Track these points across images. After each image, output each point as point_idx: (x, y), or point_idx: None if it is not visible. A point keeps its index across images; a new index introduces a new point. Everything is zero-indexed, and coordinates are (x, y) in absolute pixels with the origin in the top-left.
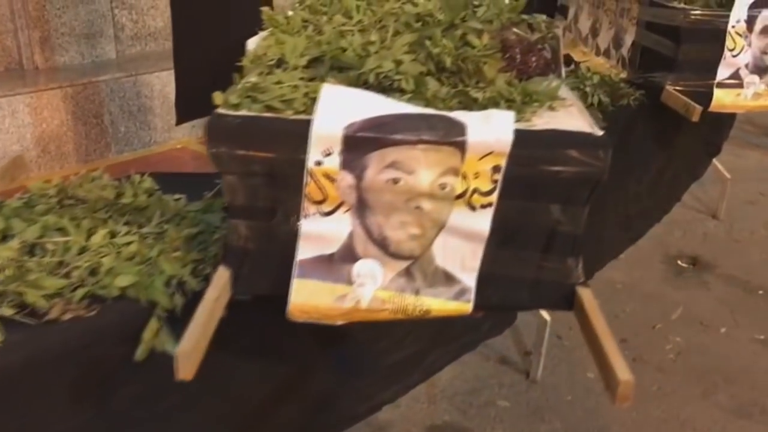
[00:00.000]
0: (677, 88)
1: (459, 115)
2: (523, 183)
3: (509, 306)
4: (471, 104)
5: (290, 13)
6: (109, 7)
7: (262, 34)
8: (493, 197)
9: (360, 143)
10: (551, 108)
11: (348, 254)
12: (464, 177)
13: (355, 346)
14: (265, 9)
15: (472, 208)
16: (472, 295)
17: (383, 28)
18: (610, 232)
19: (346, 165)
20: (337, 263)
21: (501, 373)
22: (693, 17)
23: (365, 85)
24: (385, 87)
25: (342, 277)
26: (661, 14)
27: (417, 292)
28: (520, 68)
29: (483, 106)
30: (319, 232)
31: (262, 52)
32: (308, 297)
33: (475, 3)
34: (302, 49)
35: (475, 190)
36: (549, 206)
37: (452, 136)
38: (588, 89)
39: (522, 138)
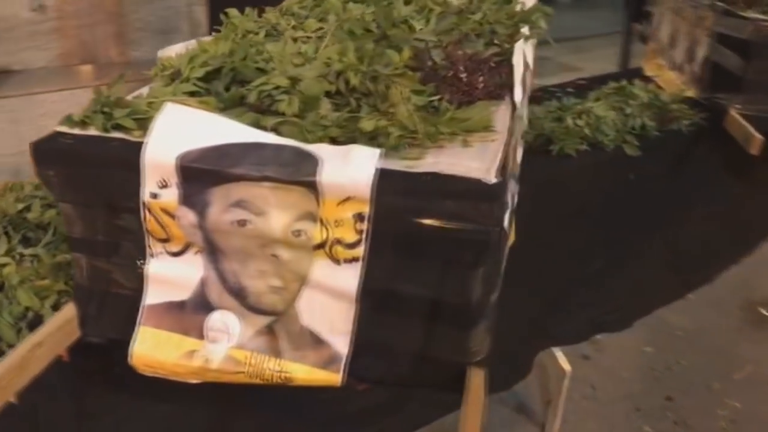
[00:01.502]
0: (742, 112)
1: (317, 149)
2: (396, 237)
3: (392, 381)
4: (358, 135)
5: (242, 14)
6: (186, 3)
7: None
8: (360, 251)
9: (198, 175)
10: (465, 142)
11: (201, 303)
12: (323, 224)
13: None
14: (230, 9)
15: (336, 261)
16: (342, 364)
17: (322, 38)
18: (656, 274)
19: (185, 200)
20: (189, 312)
21: (513, 423)
22: (766, 30)
23: (244, 105)
24: (264, 108)
25: (193, 330)
26: (732, 25)
27: (279, 355)
28: (465, 90)
29: (372, 138)
30: (168, 274)
31: (174, 59)
32: (153, 349)
33: (471, 9)
34: (206, 58)
35: (337, 241)
36: (429, 268)
37: (302, 175)
38: (630, 110)
39: (389, 182)
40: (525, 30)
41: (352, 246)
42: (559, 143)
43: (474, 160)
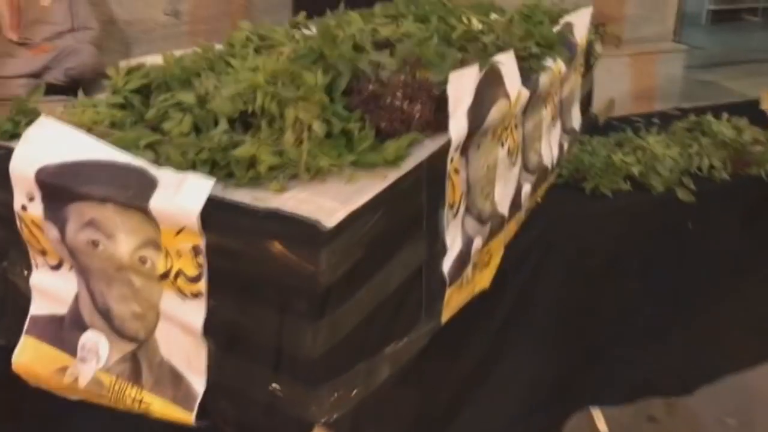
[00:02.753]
0: None
1: (161, 173)
2: (234, 275)
3: (248, 428)
4: (233, 162)
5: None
6: None
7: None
8: (201, 286)
9: (54, 191)
10: (351, 177)
11: (76, 320)
12: (167, 254)
13: None
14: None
15: (182, 294)
16: (196, 404)
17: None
18: (726, 334)
19: (48, 215)
20: (66, 328)
21: None
22: None
23: (147, 125)
24: (156, 125)
25: (69, 346)
26: None
27: (141, 384)
28: (403, 119)
29: (249, 166)
30: (48, 287)
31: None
32: (32, 359)
33: (482, 29)
34: (148, 71)
35: (179, 273)
36: (267, 313)
37: (136, 199)
38: (696, 149)
39: (223, 215)
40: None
41: (194, 280)
42: (592, 180)
43: (332, 200)
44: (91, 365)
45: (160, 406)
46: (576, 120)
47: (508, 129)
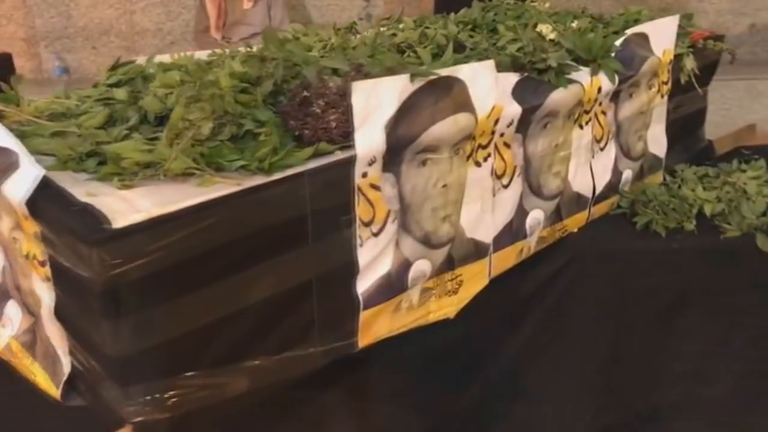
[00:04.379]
0: None
1: (28, 161)
2: (59, 265)
3: (100, 409)
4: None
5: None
6: None
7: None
8: (48, 271)
9: None
10: (202, 183)
11: (3, 290)
12: (26, 236)
13: None
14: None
15: (40, 277)
16: (62, 383)
17: None
18: None
19: None
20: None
21: None
22: None
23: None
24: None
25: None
26: None
27: (34, 357)
28: (323, 128)
29: (114, 163)
30: None
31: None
32: None
33: (513, 37)
34: (130, 68)
35: (34, 256)
36: (83, 307)
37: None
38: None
39: (45, 206)
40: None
41: (42, 264)
42: (645, 215)
43: (155, 202)
44: (7, 331)
45: (42, 380)
46: (657, 145)
47: (489, 146)
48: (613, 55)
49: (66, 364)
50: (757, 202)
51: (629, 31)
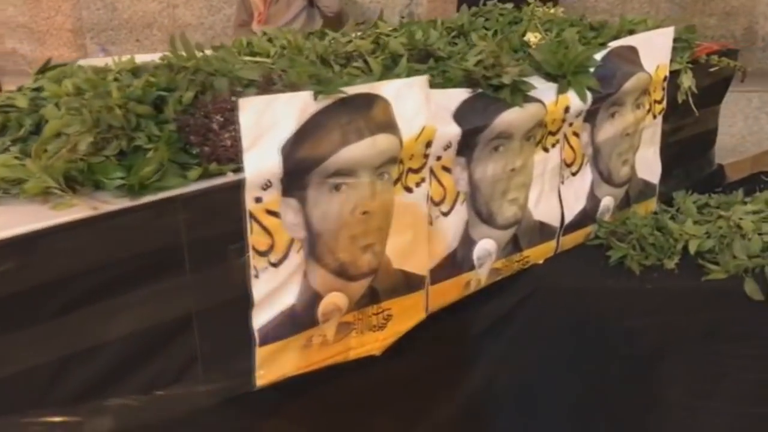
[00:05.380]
0: None
1: None
2: None
3: None
4: None
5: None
6: None
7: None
8: None
9: None
10: (56, 206)
11: None
12: None
13: None
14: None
15: None
16: None
17: None
18: None
19: None
20: None
21: None
22: None
23: None
24: None
25: None
26: None
27: None
28: (222, 146)
29: None
30: None
31: None
32: None
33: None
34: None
35: None
36: None
37: None
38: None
39: None
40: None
41: None
42: (620, 249)
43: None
44: None
45: None
46: (648, 170)
47: (422, 171)
48: (592, 70)
49: None
50: (752, 241)
51: (613, 44)
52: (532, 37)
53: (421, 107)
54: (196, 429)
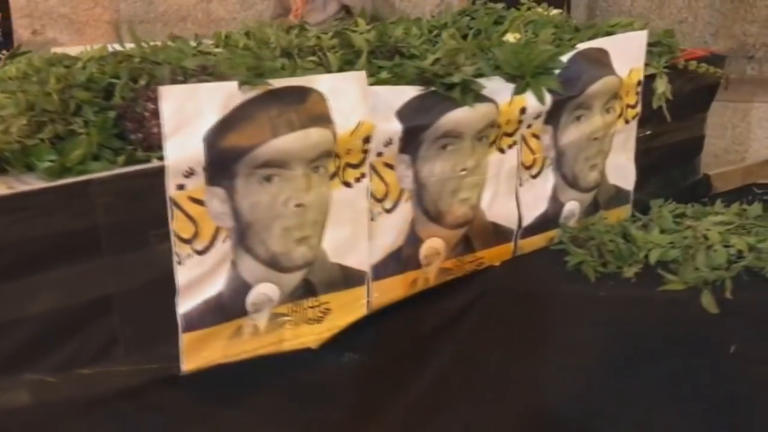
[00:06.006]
0: None
1: None
2: None
3: None
4: None
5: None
6: None
7: None
8: None
9: None
10: None
11: None
12: None
13: None
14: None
15: None
16: None
17: None
18: None
19: None
20: None
21: None
22: None
23: None
24: None
25: None
26: None
27: None
28: (154, 133)
29: None
30: None
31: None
32: None
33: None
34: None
35: None
36: None
37: None
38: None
39: None
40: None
41: None
42: (578, 255)
43: None
44: None
45: None
46: (621, 177)
47: (362, 166)
48: (557, 71)
49: None
50: (717, 253)
51: (581, 46)
52: (511, 38)
53: (358, 102)
54: (116, 408)
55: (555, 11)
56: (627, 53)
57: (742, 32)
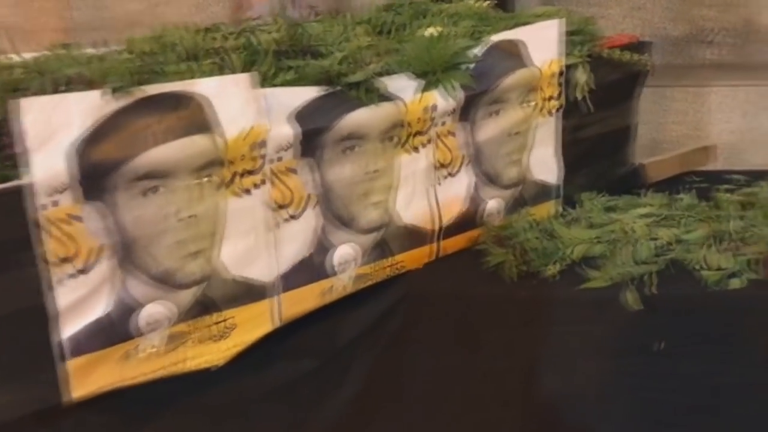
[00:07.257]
0: None
1: None
2: None
3: None
4: None
5: None
6: None
7: None
8: None
9: None
10: None
11: None
12: None
13: None
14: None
15: None
16: None
17: None
18: None
19: None
20: None
21: None
22: None
23: None
24: None
25: None
26: None
27: None
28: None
29: None
30: None
31: None
32: None
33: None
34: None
35: None
36: None
37: None
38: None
39: None
40: None
41: None
42: (498, 256)
43: None
44: None
45: None
46: (545, 171)
47: (257, 173)
48: (470, 66)
49: None
50: (642, 247)
51: (495, 38)
52: (433, 31)
53: (247, 106)
54: None
55: (486, 2)
56: (543, 43)
57: (701, 17)
